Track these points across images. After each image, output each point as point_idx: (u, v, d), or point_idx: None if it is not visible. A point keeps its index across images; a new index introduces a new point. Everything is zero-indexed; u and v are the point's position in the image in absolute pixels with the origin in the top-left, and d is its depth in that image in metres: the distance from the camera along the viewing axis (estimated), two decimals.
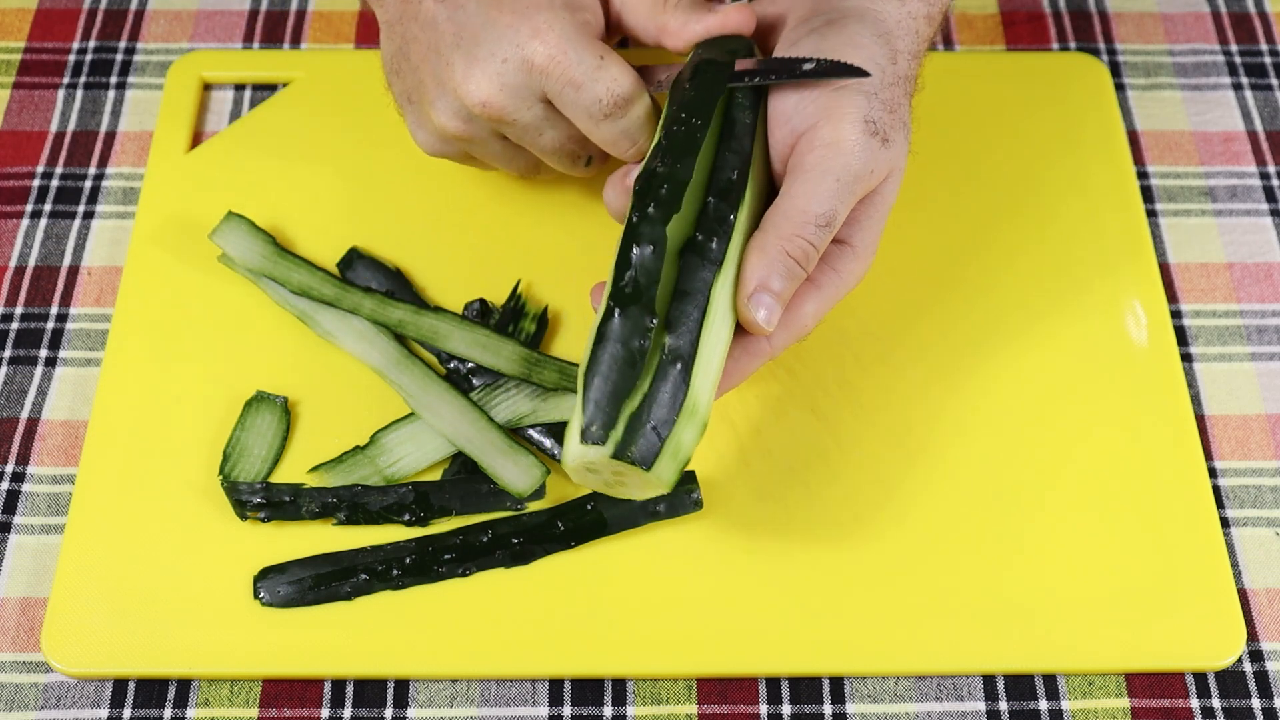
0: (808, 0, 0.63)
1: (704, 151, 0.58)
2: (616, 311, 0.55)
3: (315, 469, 0.65)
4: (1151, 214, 0.76)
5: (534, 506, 0.65)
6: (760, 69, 0.60)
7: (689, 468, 0.64)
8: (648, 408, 0.54)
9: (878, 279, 0.67)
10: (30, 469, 0.67)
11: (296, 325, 0.70)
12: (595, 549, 0.64)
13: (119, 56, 0.82)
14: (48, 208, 0.75)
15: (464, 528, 0.64)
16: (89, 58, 0.81)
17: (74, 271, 0.73)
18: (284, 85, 0.79)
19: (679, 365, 0.54)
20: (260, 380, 0.68)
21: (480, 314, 0.70)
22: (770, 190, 0.61)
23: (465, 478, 0.65)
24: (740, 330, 0.58)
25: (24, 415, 0.69)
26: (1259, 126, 0.80)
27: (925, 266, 0.72)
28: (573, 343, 0.70)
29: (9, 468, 0.67)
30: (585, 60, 0.60)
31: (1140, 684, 0.62)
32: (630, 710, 0.61)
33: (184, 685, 0.62)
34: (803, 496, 0.65)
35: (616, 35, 0.65)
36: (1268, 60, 0.82)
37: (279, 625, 0.62)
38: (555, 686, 0.62)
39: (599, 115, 0.61)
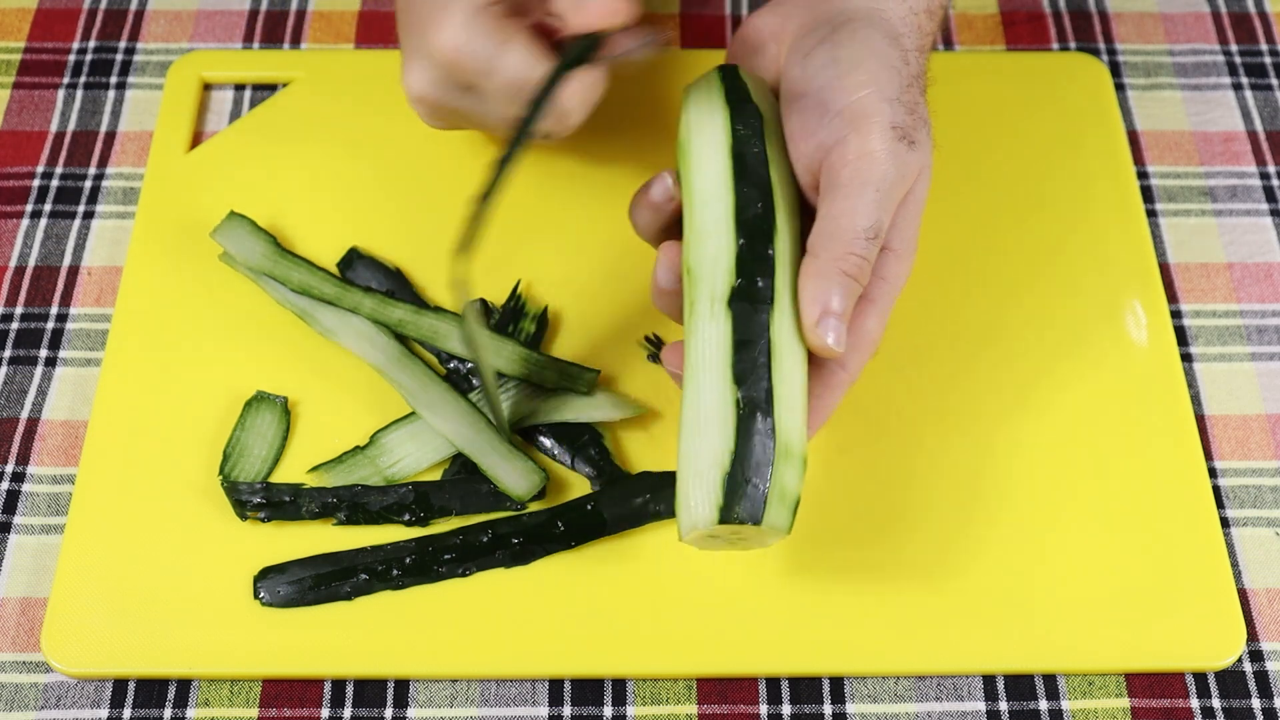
0: (803, 8, 0.62)
1: (727, 194, 0.58)
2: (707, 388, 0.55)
3: (315, 469, 0.65)
4: (1151, 214, 0.76)
5: (534, 506, 0.65)
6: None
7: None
8: (740, 465, 0.53)
9: None
10: (30, 469, 0.67)
11: (297, 325, 0.70)
12: (595, 549, 0.64)
13: (119, 56, 0.81)
14: (48, 208, 0.75)
15: (464, 528, 0.64)
16: (89, 58, 0.81)
17: (74, 271, 0.73)
18: (284, 85, 0.79)
19: (758, 414, 0.54)
20: (260, 380, 0.68)
21: (480, 314, 0.70)
22: (801, 208, 0.60)
23: (465, 478, 0.65)
24: (814, 364, 0.58)
25: (24, 415, 0.69)
26: (1259, 126, 0.80)
27: (924, 267, 0.72)
28: (573, 343, 0.70)
29: (9, 468, 0.67)
30: (484, 48, 0.60)
31: (1140, 684, 0.62)
32: (630, 710, 0.61)
33: (184, 685, 0.62)
34: (802, 496, 0.65)
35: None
36: (1268, 60, 0.82)
37: (279, 625, 0.62)
38: (555, 686, 0.62)
39: (514, 99, 0.61)
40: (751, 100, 0.60)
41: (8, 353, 0.71)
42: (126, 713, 0.61)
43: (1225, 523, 0.67)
